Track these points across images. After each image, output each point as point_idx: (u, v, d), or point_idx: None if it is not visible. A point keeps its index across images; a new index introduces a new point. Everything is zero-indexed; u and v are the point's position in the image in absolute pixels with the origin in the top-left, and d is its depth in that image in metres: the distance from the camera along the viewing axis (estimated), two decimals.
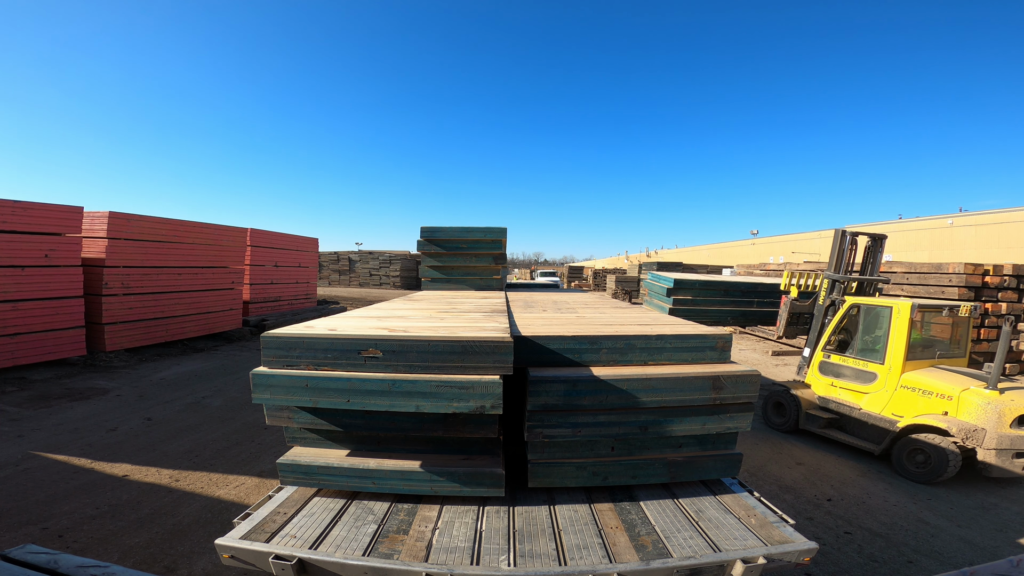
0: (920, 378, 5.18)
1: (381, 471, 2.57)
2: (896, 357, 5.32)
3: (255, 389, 2.43)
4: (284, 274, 15.86)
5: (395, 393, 2.35)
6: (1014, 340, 9.76)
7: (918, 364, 5.43)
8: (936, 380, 5.09)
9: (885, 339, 5.44)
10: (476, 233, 6.49)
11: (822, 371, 6.17)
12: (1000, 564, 1.15)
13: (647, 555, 2.15)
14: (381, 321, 3.15)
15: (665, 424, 2.68)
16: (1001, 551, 3.79)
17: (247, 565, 2.16)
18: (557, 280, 30.20)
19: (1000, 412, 4.60)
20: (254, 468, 4.83)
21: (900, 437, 5.18)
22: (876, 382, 5.50)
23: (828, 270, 6.40)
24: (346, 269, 36.30)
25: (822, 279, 6.51)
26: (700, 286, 8.40)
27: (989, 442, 4.62)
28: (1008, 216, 19.82)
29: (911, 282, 10.20)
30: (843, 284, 6.36)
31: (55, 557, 1.14)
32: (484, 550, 2.19)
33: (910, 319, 5.23)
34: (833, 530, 3.95)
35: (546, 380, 2.54)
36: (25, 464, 4.72)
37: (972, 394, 4.79)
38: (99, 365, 8.95)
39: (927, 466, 4.91)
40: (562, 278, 37.44)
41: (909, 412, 5.19)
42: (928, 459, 4.90)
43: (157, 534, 3.61)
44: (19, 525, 3.65)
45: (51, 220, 8.37)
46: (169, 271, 10.76)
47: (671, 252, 56.44)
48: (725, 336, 2.94)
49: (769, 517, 2.50)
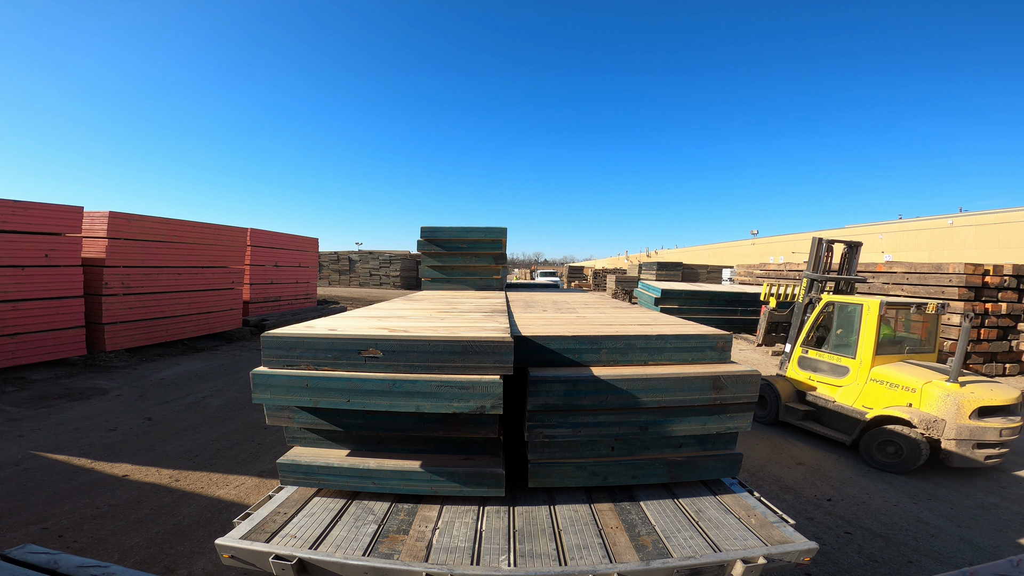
0: (888, 372, 5.43)
1: (381, 471, 2.57)
2: (866, 352, 5.58)
3: (255, 389, 2.43)
4: (284, 274, 15.86)
5: (395, 393, 2.35)
6: (1014, 340, 9.77)
7: (888, 359, 5.69)
8: (902, 374, 5.34)
9: (856, 335, 5.69)
10: (476, 233, 6.49)
11: (801, 366, 6.43)
12: (1000, 564, 1.15)
13: (647, 555, 2.15)
14: (381, 321, 3.15)
15: (665, 424, 2.68)
16: (1001, 551, 3.79)
17: (247, 565, 2.16)
18: (557, 280, 30.20)
19: (959, 404, 4.86)
20: (254, 468, 4.83)
21: (869, 428, 5.43)
22: (848, 376, 5.77)
23: (807, 271, 6.73)
24: (346, 269, 36.31)
25: (802, 279, 6.85)
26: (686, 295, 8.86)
27: (949, 432, 4.88)
28: (1008, 216, 19.82)
29: (911, 282, 10.21)
30: (821, 284, 6.67)
31: (55, 557, 1.14)
32: (484, 550, 2.19)
33: (879, 316, 5.48)
34: (833, 530, 3.95)
35: (546, 380, 2.54)
36: (25, 464, 4.72)
37: (934, 387, 5.04)
38: (99, 365, 8.95)
39: (899, 456, 5.15)
40: (562, 278, 37.44)
41: (878, 404, 5.44)
42: (900, 449, 5.13)
43: (157, 534, 3.61)
44: (19, 525, 3.65)
45: (51, 220, 8.37)
46: (169, 271, 10.76)
47: (671, 252, 56.45)
48: (725, 336, 2.94)
49: (769, 517, 2.50)
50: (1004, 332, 9.72)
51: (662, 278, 24.59)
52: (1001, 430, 4.85)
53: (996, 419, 4.93)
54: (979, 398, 4.90)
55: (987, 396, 4.95)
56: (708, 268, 27.25)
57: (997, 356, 9.81)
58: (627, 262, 54.99)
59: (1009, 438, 4.91)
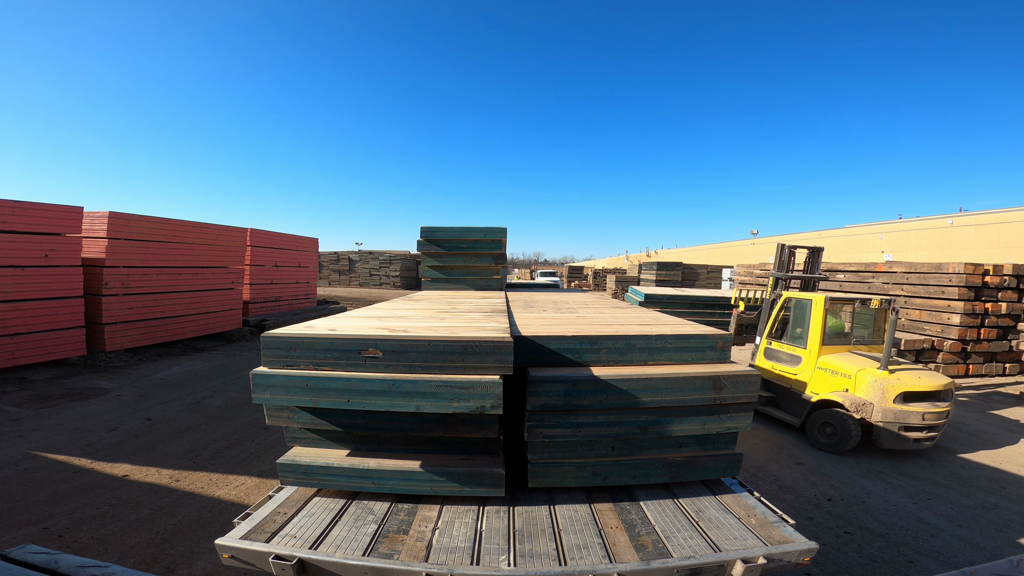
0: (833, 360, 5.95)
1: (381, 471, 2.57)
2: (814, 342, 6.10)
3: (255, 389, 2.43)
4: (284, 274, 15.86)
5: (395, 393, 2.35)
6: (1014, 340, 9.76)
7: (835, 349, 6.21)
8: (844, 362, 5.85)
9: (807, 327, 6.22)
10: (476, 233, 6.49)
11: (767, 356, 6.91)
12: (1000, 564, 1.15)
13: (647, 555, 2.15)
14: (381, 321, 3.16)
15: (665, 424, 2.68)
16: (1001, 551, 3.79)
17: (247, 565, 2.16)
18: (557, 280, 30.18)
19: (884, 389, 5.36)
20: (254, 468, 4.83)
21: (813, 411, 5.96)
22: (801, 364, 6.30)
23: (772, 271, 7.36)
24: (346, 269, 36.30)
25: (769, 278, 7.44)
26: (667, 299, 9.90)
27: (876, 415, 5.39)
28: (1008, 216, 19.80)
29: (911, 282, 10.21)
30: (786, 282, 7.34)
31: (55, 557, 1.14)
32: (484, 550, 2.19)
33: (824, 309, 6.00)
34: (833, 530, 3.95)
35: (546, 380, 2.54)
36: (25, 464, 4.72)
37: (866, 373, 5.55)
38: (99, 365, 8.95)
39: (835, 437, 5.65)
40: (562, 278, 37.43)
41: (822, 390, 5.96)
42: (836, 430, 5.64)
43: (157, 534, 3.61)
44: (19, 525, 3.65)
45: (51, 220, 8.37)
46: (169, 271, 10.76)
47: (671, 252, 56.41)
48: (725, 336, 2.94)
49: (769, 517, 2.50)
50: (1004, 332, 9.71)
51: (662, 278, 24.58)
52: (924, 414, 5.31)
53: (921, 404, 5.36)
54: (904, 384, 5.37)
55: (912, 382, 5.39)
56: (708, 268, 27.19)
57: (997, 356, 9.80)
58: (627, 262, 54.98)
59: (934, 422, 5.35)
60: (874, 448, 5.77)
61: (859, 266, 11.65)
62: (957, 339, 9.25)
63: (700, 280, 26.43)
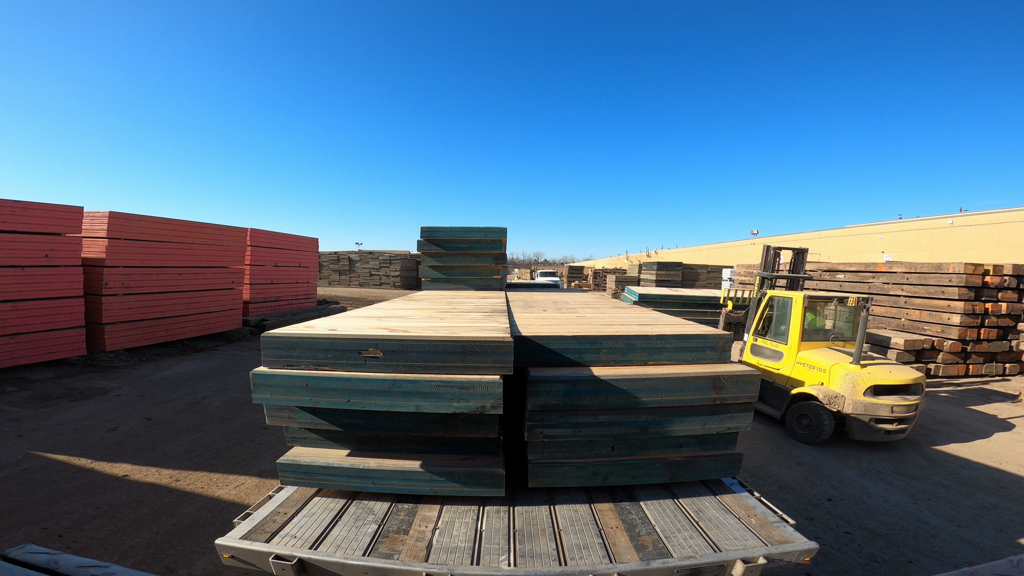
0: (811, 356, 6.23)
1: (381, 471, 2.57)
2: (793, 338, 6.39)
3: (255, 389, 2.43)
4: (284, 274, 15.86)
5: (395, 393, 2.35)
6: (1014, 340, 9.76)
7: (814, 345, 6.50)
8: (820, 357, 6.12)
9: (788, 324, 6.49)
10: (476, 233, 6.49)
11: (753, 352, 7.16)
12: (1000, 564, 1.15)
13: (647, 555, 2.15)
14: (381, 321, 3.15)
15: (665, 424, 2.68)
16: (1001, 551, 3.79)
17: (247, 565, 2.16)
18: (557, 280, 30.18)
19: (855, 382, 5.62)
20: (254, 468, 4.83)
21: (792, 403, 6.26)
22: (782, 360, 6.57)
23: (759, 271, 7.69)
24: (346, 269, 36.29)
25: (756, 278, 7.72)
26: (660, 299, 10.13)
27: (847, 407, 5.64)
28: (1008, 216, 19.80)
29: (911, 282, 10.21)
30: (772, 281, 7.72)
31: (55, 557, 1.14)
32: (484, 550, 2.19)
33: (803, 307, 6.24)
34: (833, 530, 3.95)
35: (546, 380, 2.54)
36: (25, 464, 4.72)
37: (839, 367, 5.82)
38: (99, 365, 8.95)
39: (810, 428, 5.91)
40: (562, 278, 37.42)
41: (800, 383, 6.27)
42: (811, 422, 5.90)
43: (157, 534, 3.61)
44: (19, 525, 3.65)
45: (51, 220, 8.37)
46: (169, 271, 10.76)
47: (671, 252, 56.39)
48: (726, 336, 2.94)
49: (769, 517, 2.50)
50: (1004, 332, 9.71)
51: (662, 278, 24.56)
52: (893, 407, 5.53)
53: (890, 397, 5.61)
54: (873, 378, 5.61)
55: (881, 376, 5.62)
56: (708, 268, 27.16)
57: (997, 356, 9.80)
58: (627, 262, 54.97)
59: (903, 414, 5.56)
60: (874, 448, 5.78)
61: (859, 266, 11.65)
62: (957, 339, 9.25)
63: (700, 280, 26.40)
